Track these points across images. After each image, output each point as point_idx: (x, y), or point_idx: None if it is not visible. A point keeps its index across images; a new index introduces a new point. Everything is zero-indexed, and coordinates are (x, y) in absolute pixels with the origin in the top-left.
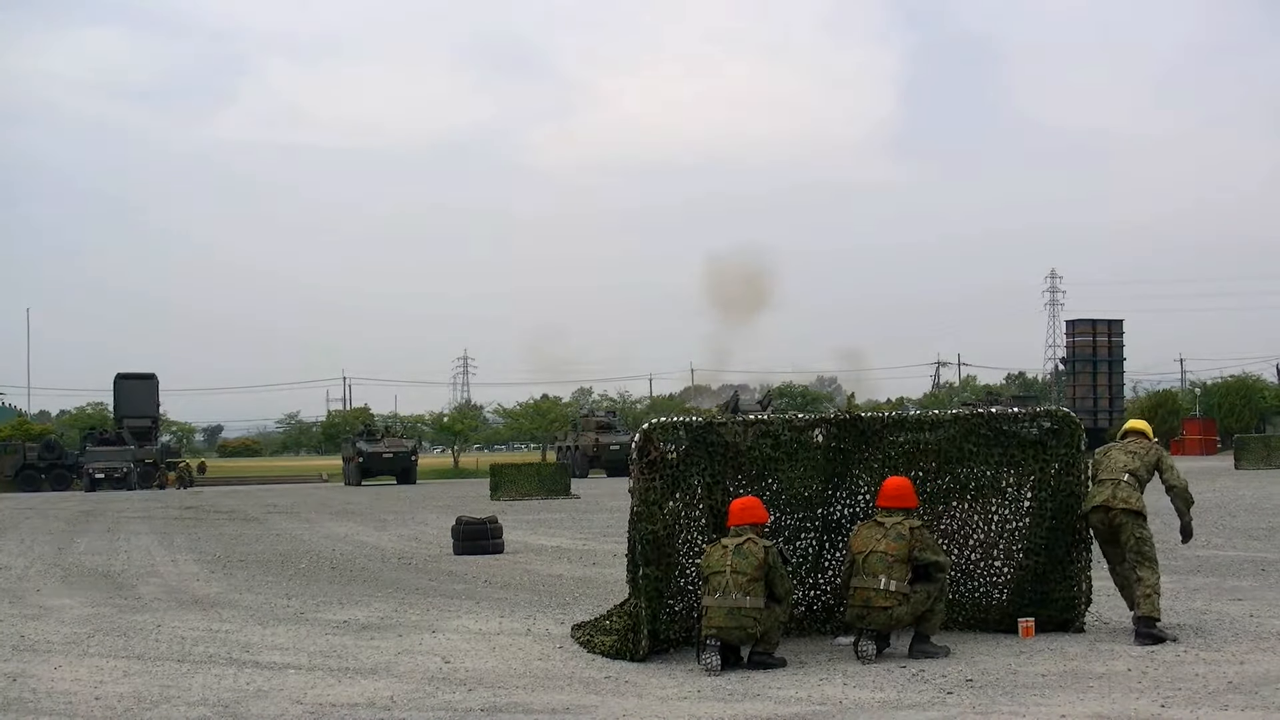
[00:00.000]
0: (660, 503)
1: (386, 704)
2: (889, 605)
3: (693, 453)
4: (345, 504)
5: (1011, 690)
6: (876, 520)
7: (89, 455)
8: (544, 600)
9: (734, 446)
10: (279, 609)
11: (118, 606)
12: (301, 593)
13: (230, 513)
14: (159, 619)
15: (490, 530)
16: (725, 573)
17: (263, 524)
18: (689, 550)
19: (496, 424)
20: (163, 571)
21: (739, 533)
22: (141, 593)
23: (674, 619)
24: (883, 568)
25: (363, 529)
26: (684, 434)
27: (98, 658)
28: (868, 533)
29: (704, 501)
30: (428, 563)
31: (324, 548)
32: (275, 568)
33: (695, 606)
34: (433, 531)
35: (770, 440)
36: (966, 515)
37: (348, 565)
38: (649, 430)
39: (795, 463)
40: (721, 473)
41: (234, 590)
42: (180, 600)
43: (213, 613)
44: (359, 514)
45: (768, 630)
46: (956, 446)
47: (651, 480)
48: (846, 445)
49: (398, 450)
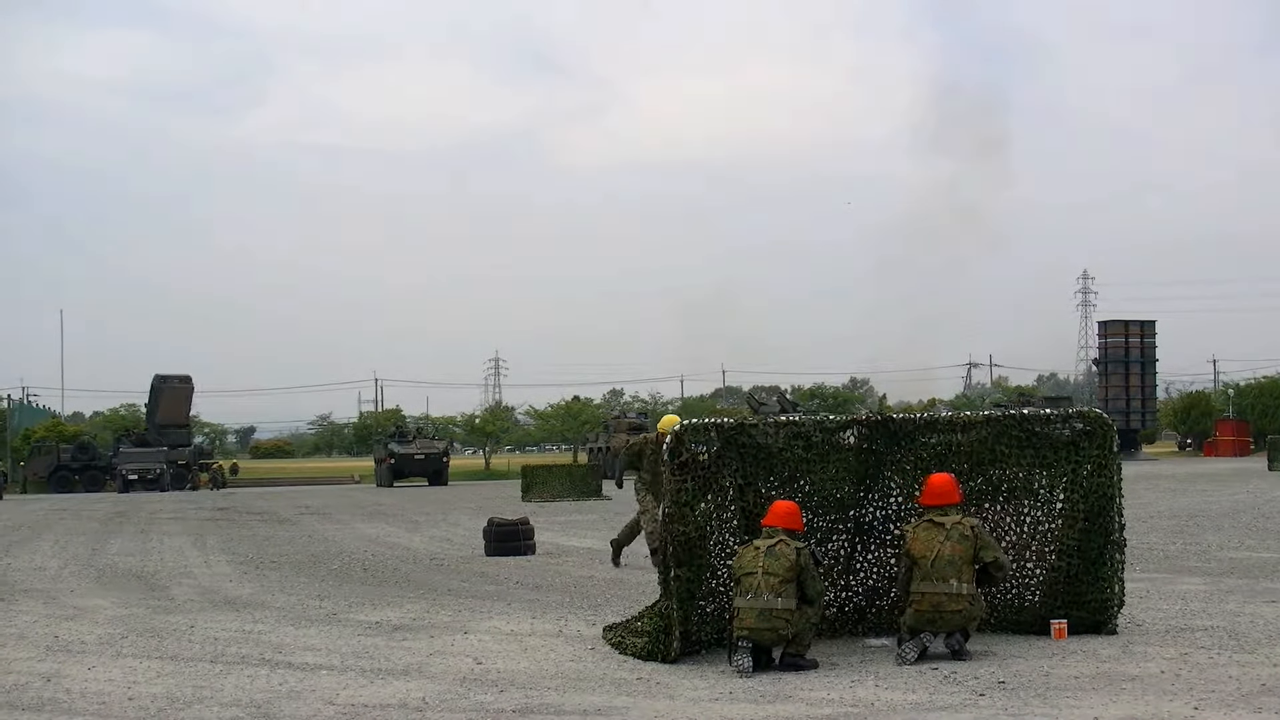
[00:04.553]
0: (692, 504)
1: (419, 705)
2: (961, 608)
3: (725, 454)
4: (377, 505)
5: (1044, 692)
6: (932, 521)
7: (122, 456)
8: (575, 602)
9: (766, 448)
10: (311, 610)
11: (151, 607)
12: (334, 594)
13: (263, 514)
14: (192, 620)
15: (522, 532)
16: (757, 574)
17: (295, 525)
18: (721, 552)
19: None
20: (195, 572)
21: (771, 534)
22: (174, 594)
23: (706, 620)
24: (952, 571)
25: (395, 530)
26: (716, 435)
27: (131, 658)
28: (927, 535)
29: (736, 503)
30: (459, 564)
31: (356, 549)
32: (307, 569)
33: (727, 608)
34: (464, 533)
35: (802, 442)
36: (999, 517)
37: (380, 566)
38: (681, 432)
39: (827, 464)
40: (753, 474)
41: (266, 591)
42: (213, 601)
43: (245, 614)
44: (391, 515)
45: (799, 632)
46: (988, 448)
47: (684, 482)
48: (878, 447)
49: (429, 452)
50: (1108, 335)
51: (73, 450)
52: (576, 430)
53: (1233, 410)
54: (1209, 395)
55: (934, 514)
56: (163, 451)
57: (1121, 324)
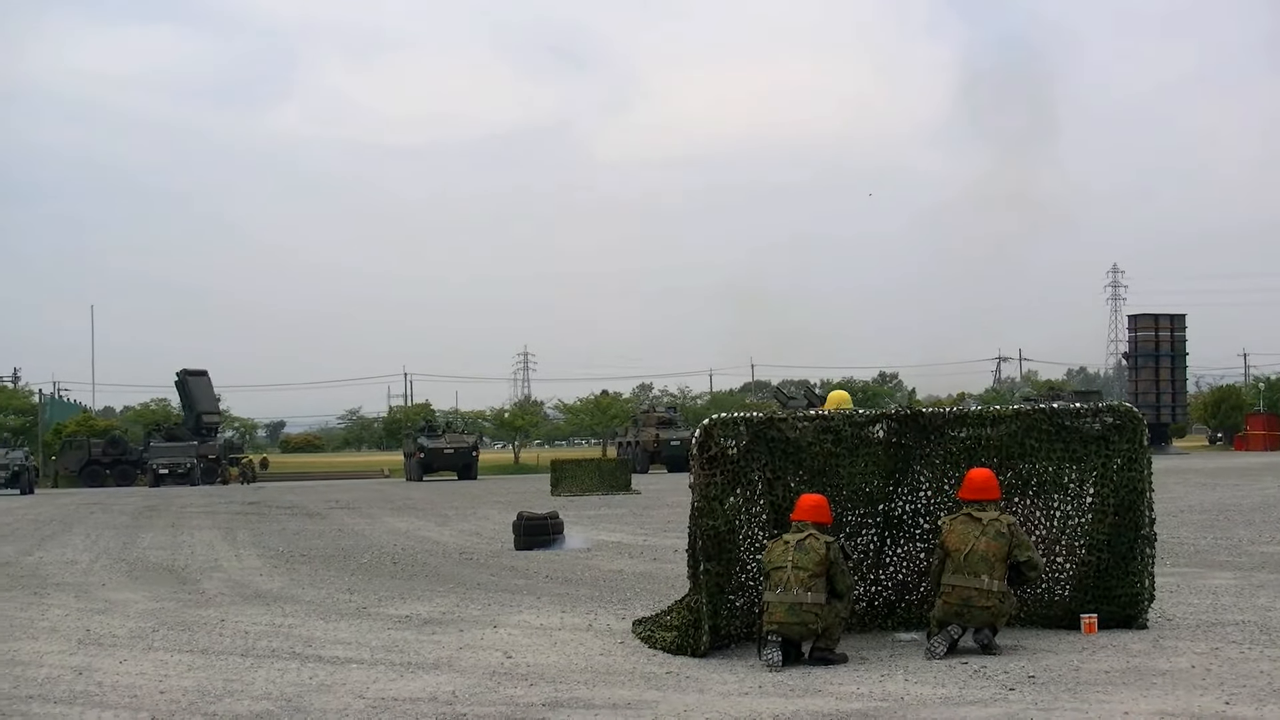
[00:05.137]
0: (721, 498)
1: (448, 699)
2: (990, 604)
3: (753, 448)
4: (406, 499)
5: (1074, 687)
6: (970, 515)
7: (153, 451)
8: (605, 595)
9: (795, 442)
10: (341, 604)
11: (181, 601)
12: (363, 588)
13: (292, 508)
14: (222, 613)
15: (551, 526)
16: (787, 568)
17: (325, 519)
18: (750, 546)
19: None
20: (226, 566)
21: (800, 528)
22: (205, 587)
23: (735, 614)
24: (985, 567)
25: (424, 524)
26: (745, 429)
27: (162, 651)
28: (963, 529)
29: (765, 497)
30: (489, 558)
31: (386, 543)
32: (337, 563)
33: (756, 602)
34: (493, 527)
35: (831, 436)
36: (1029, 511)
37: (409, 560)
38: (710, 426)
39: (856, 458)
40: (782, 468)
41: (296, 585)
42: (243, 595)
43: (275, 607)
44: (420, 509)
45: (829, 626)
46: (1018, 442)
47: (712, 476)
48: (907, 441)
49: (459, 446)
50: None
51: (104, 445)
52: (605, 424)
53: (1264, 404)
54: (1240, 389)
55: (972, 508)
56: (193, 446)
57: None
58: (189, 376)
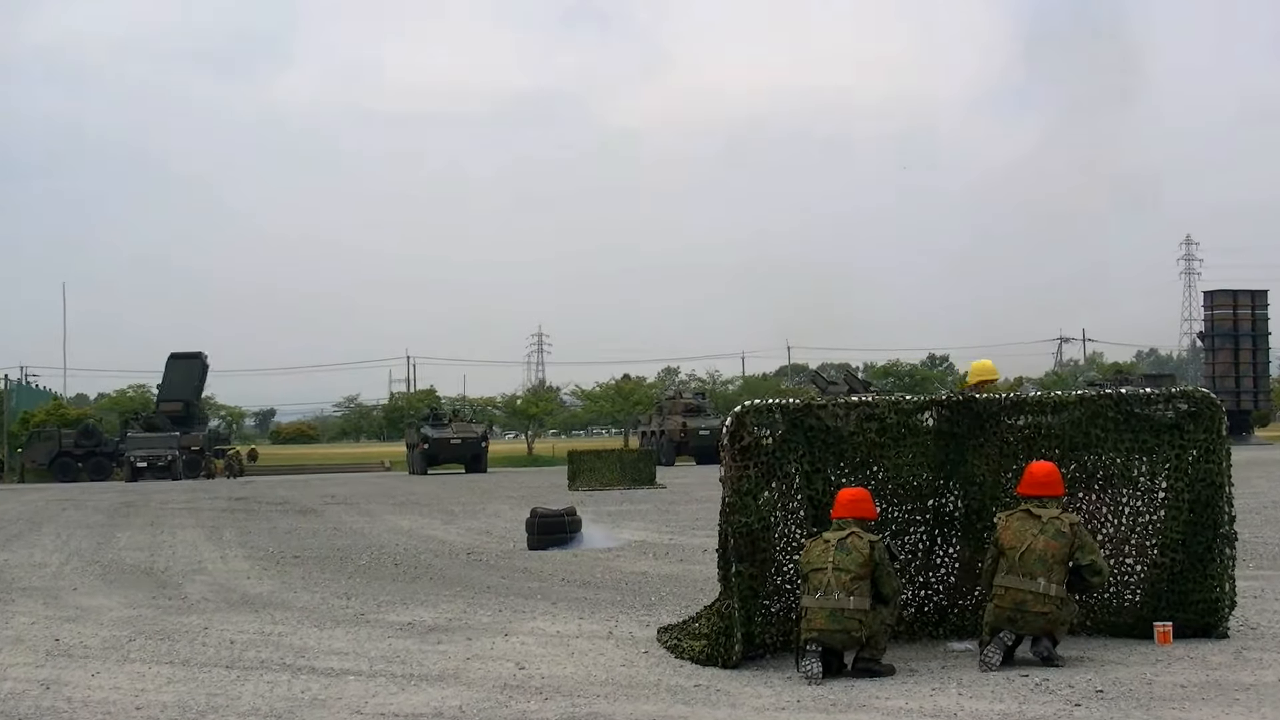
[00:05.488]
0: (755, 493)
1: (455, 714)
2: (1046, 610)
3: (790, 438)
4: (409, 495)
5: (1147, 703)
6: (1029, 511)
7: (130, 442)
8: (627, 600)
9: (836, 431)
10: (337, 610)
11: (161, 607)
12: (362, 592)
13: (284, 504)
14: (206, 621)
15: (568, 523)
16: (827, 570)
17: (320, 516)
18: (787, 545)
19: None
20: (210, 569)
21: (842, 526)
22: (187, 592)
23: (770, 621)
24: (1041, 569)
25: (428, 522)
26: (780, 417)
27: (139, 663)
28: (1020, 526)
29: (803, 491)
30: (500, 559)
31: (386, 542)
32: (333, 565)
33: (794, 607)
34: (505, 524)
35: (875, 424)
36: (1094, 508)
37: (412, 562)
38: (742, 413)
39: (903, 449)
40: (822, 460)
41: (288, 589)
42: (229, 600)
43: (265, 614)
44: (424, 505)
45: (874, 634)
46: (1082, 431)
47: (745, 468)
48: (960, 430)
49: (466, 436)
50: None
51: (76, 435)
52: (628, 412)
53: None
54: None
55: (1031, 504)
56: (174, 436)
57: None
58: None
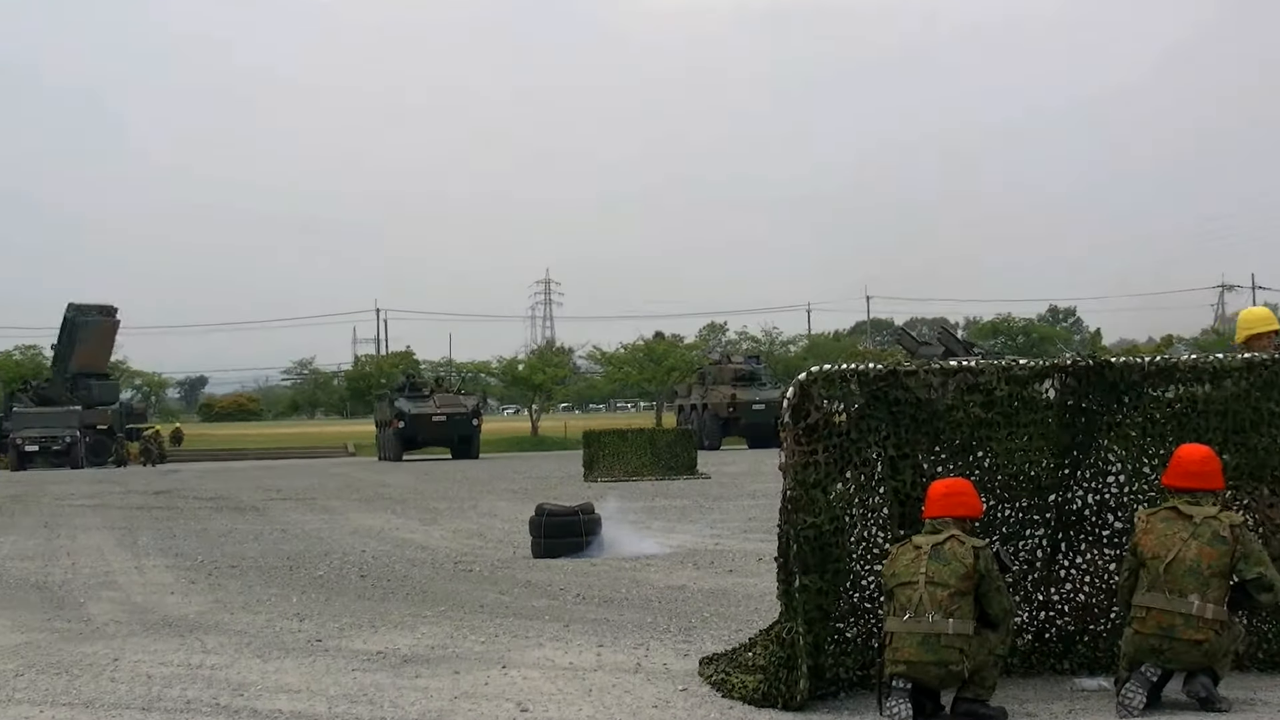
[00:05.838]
0: (824, 485)
1: None
2: (1202, 637)
3: (870, 414)
4: (380, 487)
5: None
6: (1177, 510)
7: (17, 420)
8: (660, 623)
9: (929, 405)
10: (286, 635)
11: (58, 632)
12: (318, 612)
13: (217, 500)
14: (116, 650)
15: (584, 523)
16: (918, 584)
17: (264, 515)
18: (866, 552)
19: (592, 374)
20: (122, 582)
21: (938, 528)
22: (91, 612)
23: (845, 650)
24: (1195, 584)
25: (405, 522)
26: (857, 387)
27: (27, 705)
28: (1166, 529)
29: (886, 483)
30: (496, 569)
31: (350, 548)
32: (281, 577)
33: (875, 632)
34: (503, 525)
35: (981, 396)
36: (1267, 507)
37: (383, 573)
38: (808, 382)
39: (1017, 429)
40: (911, 442)
41: (222, 609)
42: (146, 623)
43: (192, 640)
44: (399, 501)
45: (979, 667)
46: (1251, 406)
47: (812, 453)
48: (1090, 404)
49: (453, 411)
50: None
51: None
52: (660, 381)
53: None
54: None
55: (1181, 500)
56: (75, 413)
57: None
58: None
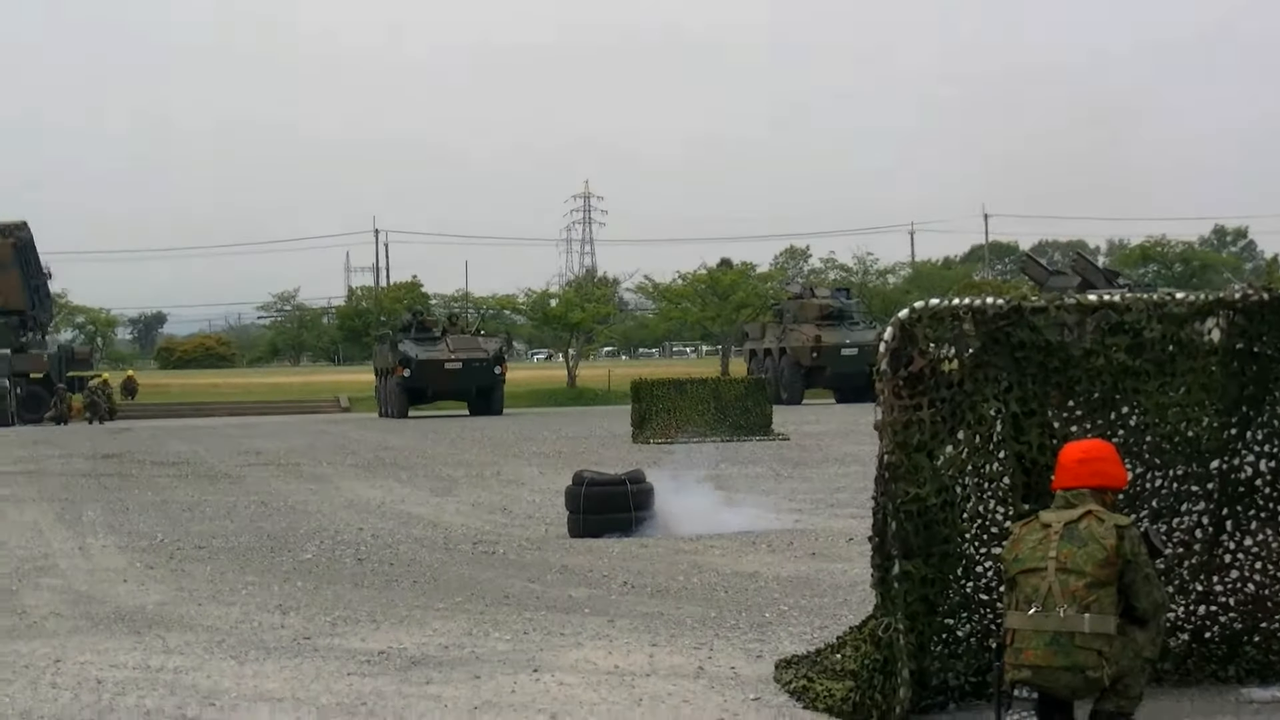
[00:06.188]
0: (931, 448)
1: None
2: None
3: (989, 360)
4: (381, 449)
5: None
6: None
7: None
8: (726, 617)
9: (1061, 349)
10: (267, 631)
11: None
12: (306, 603)
13: (180, 465)
14: (58, 649)
15: (633, 495)
16: (1047, 572)
17: (238, 484)
18: (982, 532)
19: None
20: (63, 567)
21: (1072, 502)
22: (26, 604)
23: (956, 652)
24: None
25: (412, 493)
26: (973, 327)
27: None
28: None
29: (1008, 446)
30: (524, 551)
31: (344, 525)
32: (260, 560)
33: (993, 630)
34: (533, 498)
35: (1126, 338)
36: None
37: (386, 555)
38: (910, 321)
39: (1171, 379)
40: (1039, 396)
41: (188, 599)
42: (94, 617)
43: (151, 638)
44: (405, 467)
45: (1122, 673)
46: None
47: (915, 409)
48: (1265, 348)
49: (471, 357)
50: None
51: None
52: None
53: None
54: None
55: None
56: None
57: None
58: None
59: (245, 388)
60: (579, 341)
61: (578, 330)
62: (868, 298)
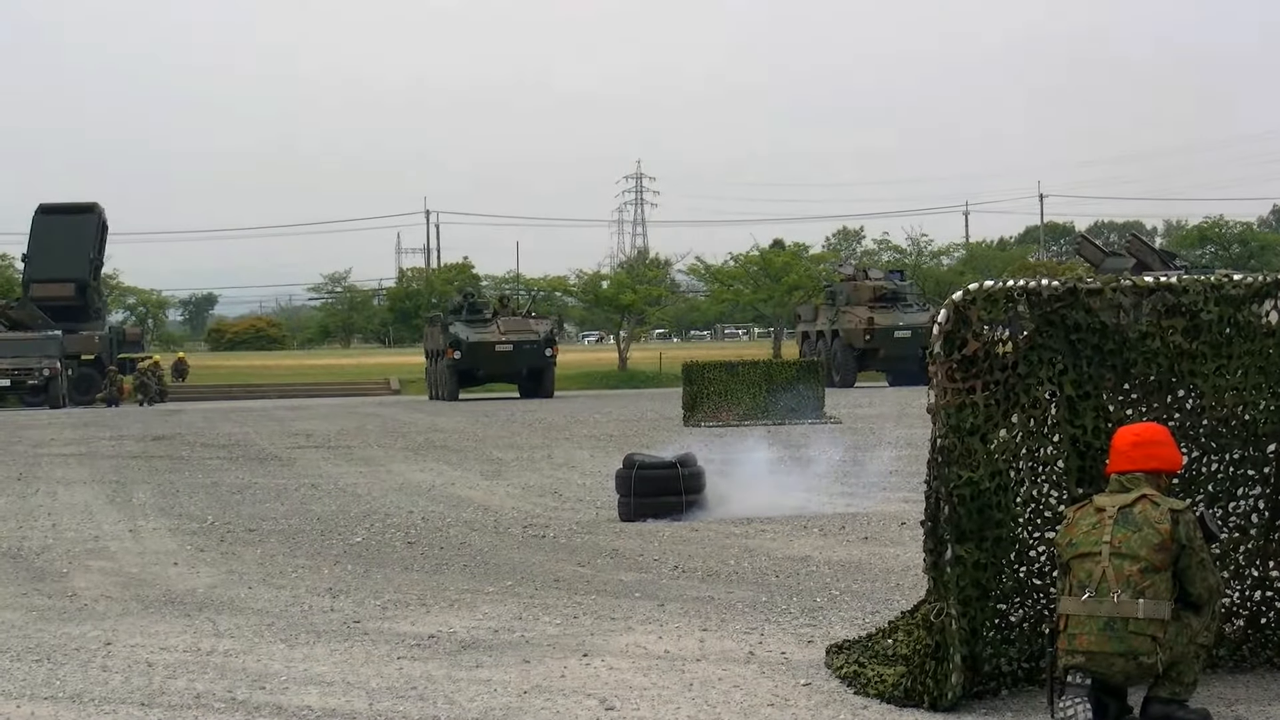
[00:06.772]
0: (985, 432)
1: None
2: None
3: (1043, 343)
4: (431, 432)
5: None
6: None
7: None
8: (777, 602)
9: (1117, 331)
10: (317, 614)
11: (36, 610)
12: (356, 587)
13: (230, 447)
14: (108, 632)
15: (684, 478)
16: (1101, 556)
17: (288, 467)
18: (1036, 516)
19: (694, 293)
20: (114, 549)
21: (1127, 486)
22: (77, 586)
23: (1009, 637)
24: None
25: (462, 476)
26: (1027, 310)
27: (1, 698)
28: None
29: (1063, 429)
30: (574, 535)
31: (394, 509)
32: (309, 543)
33: (1046, 616)
34: (583, 481)
35: (1183, 320)
36: None
37: (436, 539)
38: (964, 303)
39: (1229, 361)
40: (1094, 379)
41: (238, 582)
42: (144, 599)
43: (201, 621)
44: (455, 450)
45: (1177, 659)
46: None
47: (969, 392)
48: None
49: (522, 339)
50: None
51: None
52: (779, 301)
53: None
54: None
55: None
56: (55, 340)
57: None
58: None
59: (295, 369)
60: (630, 323)
61: (629, 312)
62: (921, 279)
